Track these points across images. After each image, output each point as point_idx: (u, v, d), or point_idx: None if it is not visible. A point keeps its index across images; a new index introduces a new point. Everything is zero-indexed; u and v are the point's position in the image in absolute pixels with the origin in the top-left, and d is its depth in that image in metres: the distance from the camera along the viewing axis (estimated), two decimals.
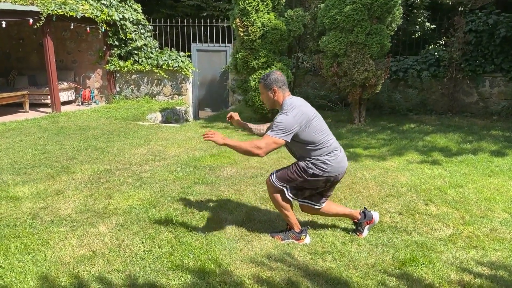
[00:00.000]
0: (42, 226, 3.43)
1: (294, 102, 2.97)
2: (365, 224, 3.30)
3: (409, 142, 6.59)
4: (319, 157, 3.00)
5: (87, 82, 11.79)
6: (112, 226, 3.46)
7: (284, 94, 3.02)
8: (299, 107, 2.94)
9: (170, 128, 7.96)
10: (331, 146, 3.06)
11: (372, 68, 7.18)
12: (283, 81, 3.03)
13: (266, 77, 3.04)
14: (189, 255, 2.97)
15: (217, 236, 3.27)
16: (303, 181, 3.06)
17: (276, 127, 2.86)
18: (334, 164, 3.03)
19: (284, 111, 2.93)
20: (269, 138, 2.84)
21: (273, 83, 3.00)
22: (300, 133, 2.91)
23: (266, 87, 3.03)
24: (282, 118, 2.88)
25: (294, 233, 3.24)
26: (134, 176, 4.79)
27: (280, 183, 3.10)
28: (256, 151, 2.80)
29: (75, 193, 4.23)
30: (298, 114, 2.89)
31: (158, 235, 3.29)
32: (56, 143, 6.43)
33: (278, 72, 3.07)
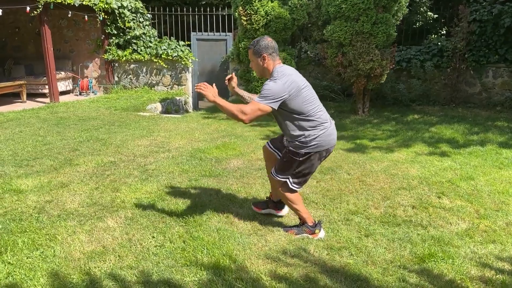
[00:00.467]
0: (48, 221, 3.34)
1: (284, 70, 2.86)
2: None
3: (415, 134, 6.53)
4: (309, 131, 2.88)
5: (85, 71, 11.60)
6: (120, 220, 3.38)
7: (275, 61, 2.90)
8: (290, 75, 2.83)
9: (172, 119, 7.84)
10: (321, 118, 2.93)
11: (378, 58, 7.08)
12: (273, 48, 2.89)
13: (256, 43, 2.89)
14: (203, 251, 2.89)
15: (229, 231, 3.19)
16: (299, 164, 2.95)
17: (264, 93, 2.75)
18: (324, 136, 2.92)
19: (273, 78, 2.82)
20: (255, 104, 2.72)
21: (263, 49, 2.86)
22: (288, 102, 2.80)
23: (255, 54, 2.89)
24: (270, 84, 2.76)
25: (308, 227, 3.17)
26: (139, 169, 4.69)
27: (281, 176, 3.03)
28: (241, 115, 2.70)
29: (80, 186, 4.13)
30: (288, 82, 2.78)
31: (169, 230, 3.21)
32: (57, 134, 6.30)
33: (268, 38, 2.92)
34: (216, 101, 2.73)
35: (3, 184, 4.12)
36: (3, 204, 3.66)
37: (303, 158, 2.94)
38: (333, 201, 3.82)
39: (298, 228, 3.22)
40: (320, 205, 3.72)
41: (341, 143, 5.95)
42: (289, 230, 3.24)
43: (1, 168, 4.64)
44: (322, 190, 4.08)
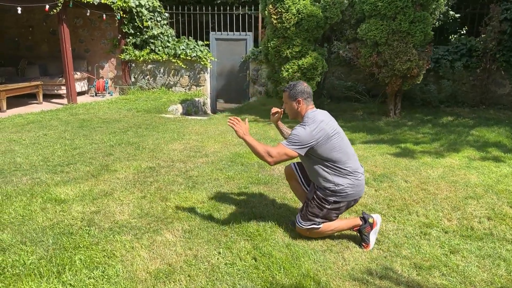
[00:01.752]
0: (101, 234, 3.07)
1: (316, 116, 2.88)
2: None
3: (458, 137, 6.25)
4: (338, 179, 2.85)
5: (100, 72, 11.35)
6: (179, 233, 3.11)
7: (308, 106, 2.95)
8: (320, 122, 2.83)
9: (198, 121, 7.58)
10: (351, 167, 2.89)
11: (415, 58, 6.82)
12: (308, 93, 2.96)
13: (292, 87, 2.96)
14: (279, 270, 2.62)
15: (300, 247, 2.93)
16: (327, 212, 2.92)
17: (292, 139, 2.80)
18: (354, 188, 2.90)
19: (303, 123, 2.86)
20: (282, 148, 2.77)
21: (298, 94, 2.92)
22: (316, 148, 2.81)
23: (291, 97, 2.95)
24: (299, 130, 2.81)
25: (362, 228, 2.97)
26: (182, 175, 4.43)
27: (307, 224, 2.95)
28: (267, 158, 2.76)
29: (125, 194, 3.86)
30: (317, 129, 2.79)
31: (234, 244, 2.94)
32: (84, 138, 6.04)
33: (304, 84, 2.99)
34: (246, 139, 2.82)
35: (43, 193, 3.86)
36: (47, 215, 3.39)
37: (332, 206, 2.91)
38: (401, 212, 3.55)
39: (363, 237, 2.98)
40: (389, 217, 3.44)
41: (385, 146, 5.68)
42: (364, 244, 2.98)
43: (36, 175, 4.38)
44: (385, 199, 3.81)
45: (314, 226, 2.94)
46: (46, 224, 3.23)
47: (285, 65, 7.36)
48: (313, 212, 2.94)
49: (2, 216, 3.36)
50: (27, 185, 4.08)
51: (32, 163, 4.82)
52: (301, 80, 3.07)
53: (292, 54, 7.24)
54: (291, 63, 7.28)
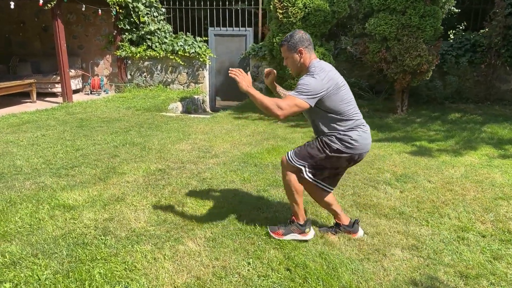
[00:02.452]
0: (119, 244, 2.85)
1: (323, 65, 2.66)
2: (347, 233, 2.96)
3: (471, 134, 6.12)
4: (345, 131, 2.67)
5: (95, 69, 11.04)
6: (202, 242, 2.90)
7: (311, 55, 2.71)
8: (329, 71, 2.62)
9: (201, 120, 7.35)
10: (358, 120, 2.73)
11: (425, 54, 6.67)
12: (309, 40, 2.71)
13: (290, 37, 2.69)
14: (318, 282, 2.43)
15: (334, 255, 2.74)
16: (325, 158, 2.72)
17: (301, 88, 2.52)
18: (361, 140, 2.70)
19: (310, 72, 2.60)
20: (292, 99, 2.49)
21: (298, 43, 2.66)
22: (325, 100, 2.59)
23: (291, 49, 2.69)
24: (309, 79, 2.55)
25: (297, 226, 2.87)
26: (194, 177, 4.21)
27: (298, 161, 2.74)
28: (276, 110, 2.46)
29: (138, 199, 3.64)
30: (326, 78, 2.57)
31: (263, 254, 2.74)
32: (85, 138, 5.79)
33: (301, 31, 2.74)
34: (250, 91, 2.54)
35: (49, 198, 3.62)
36: (57, 223, 3.16)
37: (333, 154, 2.70)
38: (432, 215, 3.39)
39: (286, 227, 2.91)
40: (422, 221, 3.27)
41: (399, 145, 5.52)
42: (275, 230, 2.92)
43: (39, 179, 4.13)
44: (413, 202, 3.64)
45: (301, 168, 2.73)
46: (57, 234, 3.00)
47: None
48: (310, 153, 2.72)
49: (8, 225, 3.12)
50: (31, 190, 3.84)
51: (33, 166, 4.57)
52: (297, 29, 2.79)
53: None
54: None
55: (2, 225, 3.11)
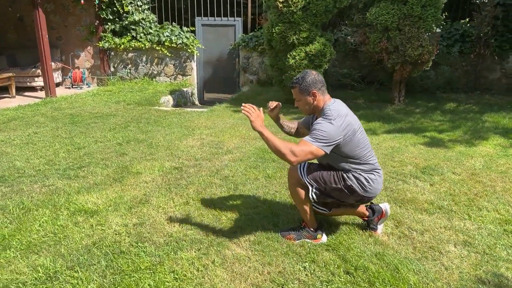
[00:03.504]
0: (160, 252, 2.65)
1: (339, 109, 2.52)
2: (376, 220, 2.91)
3: (475, 124, 6.18)
4: (361, 172, 2.62)
5: (76, 61, 10.53)
6: (247, 246, 2.74)
7: (325, 97, 2.59)
8: (345, 116, 2.50)
9: (199, 114, 7.11)
10: (374, 164, 2.68)
11: (427, 44, 6.67)
12: (322, 82, 2.59)
13: (302, 79, 2.56)
14: (385, 285, 2.32)
15: (391, 255, 2.64)
16: (336, 189, 2.64)
17: (318, 135, 2.39)
18: (375, 184, 2.66)
19: (327, 117, 2.46)
20: (307, 146, 2.36)
21: (311, 85, 2.54)
22: (342, 146, 2.49)
23: (303, 92, 2.57)
24: (325, 126, 2.42)
25: (309, 231, 2.80)
26: (215, 175, 4.02)
27: (308, 179, 2.65)
28: (289, 156, 2.32)
29: (164, 200, 3.42)
30: (344, 124, 2.45)
31: (317, 256, 2.61)
32: (83, 135, 5.46)
33: (313, 72, 2.61)
34: (264, 132, 2.40)
35: (66, 203, 3.35)
36: (84, 231, 2.92)
37: (346, 189, 2.62)
38: (470, 208, 3.34)
39: (297, 232, 2.82)
40: (463, 214, 3.22)
41: (410, 136, 5.49)
42: (286, 235, 2.83)
43: (47, 181, 3.84)
44: (446, 195, 3.59)
45: (308, 187, 2.63)
46: (88, 242, 2.77)
47: (291, 52, 7.01)
48: (324, 178, 2.62)
49: (30, 234, 2.85)
50: (42, 194, 3.55)
51: (35, 167, 4.25)
52: (308, 69, 2.67)
53: (299, 40, 6.90)
54: (298, 50, 6.94)
55: (24, 235, 2.84)
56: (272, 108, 2.86)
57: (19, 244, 2.73)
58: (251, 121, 2.41)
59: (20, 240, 2.77)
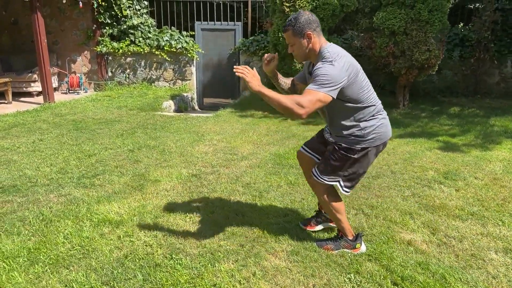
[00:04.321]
0: (196, 264, 2.54)
1: (337, 50, 2.33)
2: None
3: (484, 128, 6.19)
4: (366, 122, 2.43)
5: (72, 66, 10.33)
6: (285, 256, 2.65)
7: (320, 39, 2.38)
8: (345, 56, 2.32)
9: (205, 119, 7.01)
10: (379, 105, 2.49)
11: (434, 48, 6.68)
12: (316, 22, 2.37)
13: (295, 20, 2.33)
14: None
15: (433, 264, 2.57)
16: (354, 162, 2.49)
17: (321, 80, 2.17)
18: (383, 128, 2.47)
19: (327, 59, 2.25)
20: (313, 93, 2.15)
21: (305, 26, 2.32)
22: (345, 89, 2.29)
23: (297, 34, 2.34)
24: (328, 68, 2.20)
25: (347, 241, 2.70)
26: (236, 183, 3.93)
27: (329, 178, 2.54)
28: (297, 110, 2.11)
29: (190, 209, 3.31)
30: (346, 64, 2.26)
31: (360, 267, 2.53)
32: (91, 142, 5.32)
33: (307, 12, 2.38)
34: (263, 91, 2.16)
35: (88, 213, 3.22)
36: (112, 243, 2.80)
37: (360, 155, 2.47)
38: (502, 213, 3.31)
39: (335, 242, 2.73)
40: (496, 220, 3.18)
41: (423, 141, 5.47)
42: (324, 245, 2.74)
43: (63, 190, 3.70)
44: (475, 200, 3.55)
45: (336, 184, 2.54)
46: (118, 255, 2.65)
47: None
48: (336, 166, 2.50)
49: (57, 247, 2.72)
50: (60, 204, 3.41)
51: (47, 175, 4.10)
52: (301, 10, 2.49)
53: None
54: None
55: (50, 248, 2.71)
56: (268, 61, 2.60)
57: (46, 258, 2.59)
58: (247, 82, 2.17)
59: (46, 254, 2.64)
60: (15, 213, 3.25)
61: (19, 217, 3.17)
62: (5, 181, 3.93)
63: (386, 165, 4.41)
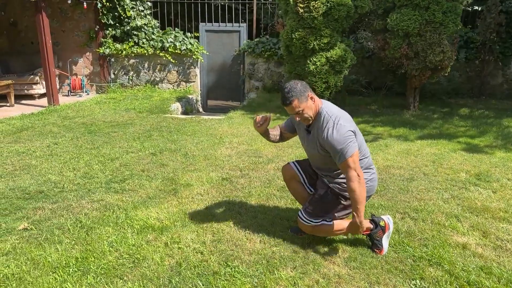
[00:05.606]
0: (254, 271, 2.46)
1: (333, 109, 2.54)
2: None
3: (501, 129, 6.23)
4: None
5: (74, 68, 10.14)
6: (342, 263, 2.59)
7: (316, 99, 2.54)
8: (343, 113, 2.55)
9: (219, 122, 6.91)
10: (370, 158, 2.68)
11: (448, 49, 6.69)
12: (308, 87, 2.54)
13: (294, 89, 2.45)
14: None
15: (495, 267, 2.53)
16: (342, 208, 2.66)
17: (344, 141, 2.38)
18: (372, 182, 2.65)
19: (328, 121, 2.46)
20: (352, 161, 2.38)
21: (304, 90, 2.47)
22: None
23: (302, 99, 2.46)
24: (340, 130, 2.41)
25: (375, 232, 2.70)
26: (270, 186, 3.85)
27: (318, 221, 2.63)
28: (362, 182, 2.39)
29: (231, 215, 3.23)
30: (346, 120, 2.49)
31: (423, 273, 2.48)
32: (108, 145, 5.19)
33: (296, 81, 2.53)
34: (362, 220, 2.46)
35: (127, 219, 3.11)
36: (162, 250, 2.69)
37: (349, 203, 2.59)
38: None
39: (375, 243, 2.71)
40: None
41: (445, 142, 5.46)
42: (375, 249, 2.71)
43: (94, 196, 3.58)
44: None
45: (324, 223, 2.62)
46: (171, 263, 2.55)
47: (311, 57, 6.91)
48: (325, 208, 2.63)
49: (104, 256, 2.61)
50: (95, 210, 3.30)
51: (73, 180, 3.97)
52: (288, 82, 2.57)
53: (319, 46, 6.81)
54: (319, 56, 6.85)
55: (97, 257, 2.60)
56: (261, 124, 2.71)
57: (97, 267, 2.48)
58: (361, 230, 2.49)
59: (95, 263, 2.53)
60: (50, 220, 3.12)
61: (55, 224, 3.04)
62: (30, 186, 3.80)
63: (417, 167, 4.38)
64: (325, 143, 2.46)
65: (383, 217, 2.80)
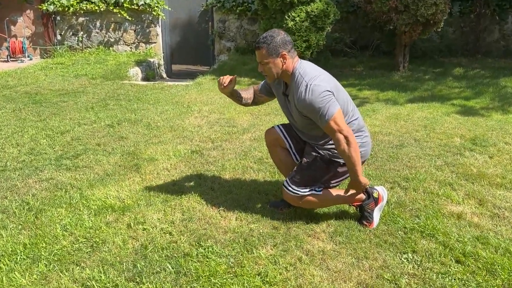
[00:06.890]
0: (230, 251, 2.47)
1: (311, 68, 2.53)
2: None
3: (497, 90, 6.39)
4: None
5: (12, 29, 9.72)
6: (328, 238, 2.63)
7: (294, 60, 2.54)
8: (322, 72, 2.55)
9: (185, 88, 6.81)
10: (361, 120, 2.70)
11: (441, 2, 6.73)
12: (291, 43, 2.54)
13: (271, 39, 2.47)
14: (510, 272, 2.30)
15: (492, 237, 2.62)
16: (333, 175, 2.69)
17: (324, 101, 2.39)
18: (366, 145, 2.69)
19: (306, 81, 2.44)
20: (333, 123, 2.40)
21: (280, 46, 2.47)
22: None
23: (271, 53, 2.47)
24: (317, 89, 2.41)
25: (367, 203, 2.73)
26: (246, 158, 3.84)
27: (306, 190, 2.66)
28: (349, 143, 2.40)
29: (202, 190, 3.21)
30: (324, 79, 2.49)
31: (415, 245, 2.54)
32: (57, 117, 5.05)
33: (282, 31, 2.55)
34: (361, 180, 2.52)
35: (83, 199, 3.06)
36: (123, 232, 2.67)
37: (341, 169, 2.65)
38: None
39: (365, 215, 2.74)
40: None
41: (438, 105, 5.57)
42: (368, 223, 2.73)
43: (43, 174, 3.50)
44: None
45: (313, 193, 2.65)
46: (136, 246, 2.53)
47: (289, 12, 6.83)
48: (314, 176, 2.65)
49: (57, 241, 2.56)
50: (44, 190, 3.22)
51: (17, 157, 3.86)
52: (276, 29, 2.59)
53: None
54: (298, 10, 6.77)
55: (49, 242, 2.55)
56: (226, 85, 2.70)
57: (49, 254, 2.43)
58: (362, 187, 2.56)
59: (47, 249, 2.48)
60: None
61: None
62: None
63: (407, 133, 4.45)
64: (301, 107, 2.47)
65: (376, 188, 2.83)
